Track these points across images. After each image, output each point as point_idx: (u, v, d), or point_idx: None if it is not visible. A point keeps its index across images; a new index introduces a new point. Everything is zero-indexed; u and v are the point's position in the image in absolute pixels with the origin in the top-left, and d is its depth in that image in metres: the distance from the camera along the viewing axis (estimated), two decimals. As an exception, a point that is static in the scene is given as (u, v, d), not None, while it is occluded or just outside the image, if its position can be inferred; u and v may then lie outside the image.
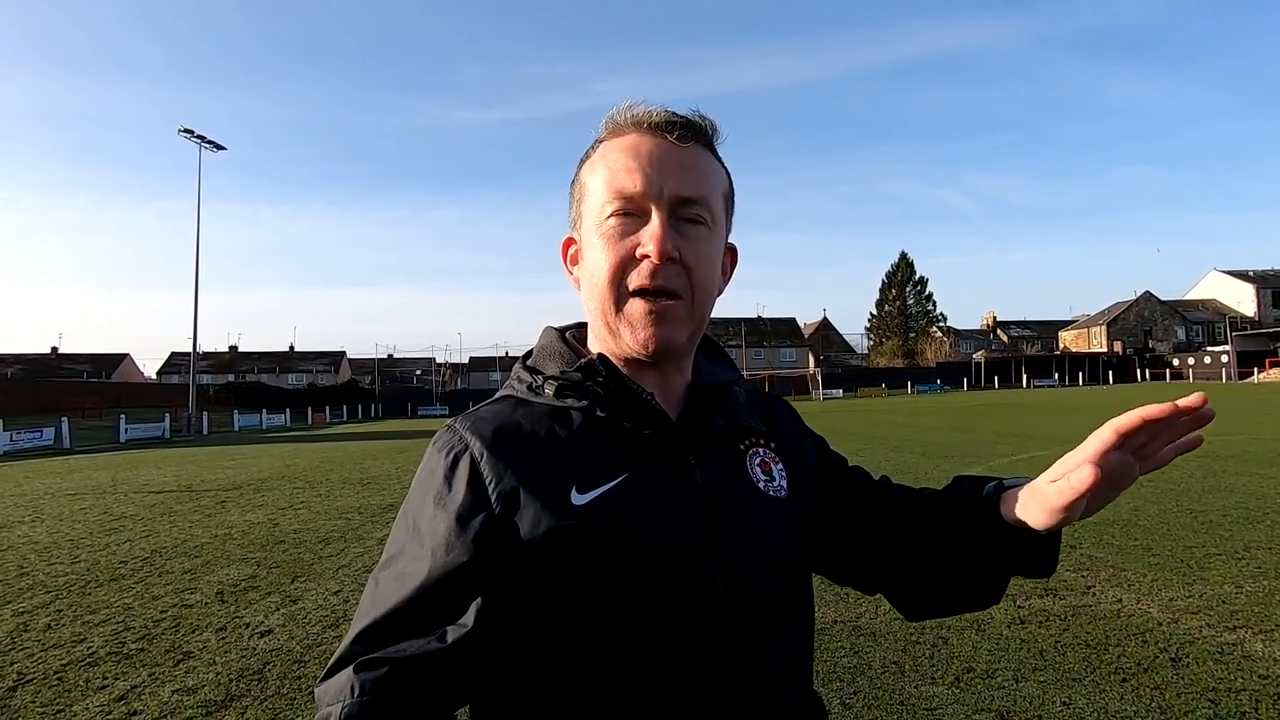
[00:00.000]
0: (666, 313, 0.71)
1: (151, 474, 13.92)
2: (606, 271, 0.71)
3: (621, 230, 0.71)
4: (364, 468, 13.55)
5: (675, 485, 0.71)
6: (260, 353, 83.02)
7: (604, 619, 0.66)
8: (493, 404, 0.77)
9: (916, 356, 72.81)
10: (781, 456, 0.81)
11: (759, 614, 0.71)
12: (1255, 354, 53.40)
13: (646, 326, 0.71)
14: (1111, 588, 4.23)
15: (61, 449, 23.94)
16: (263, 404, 49.89)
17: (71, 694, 3.32)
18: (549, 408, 0.74)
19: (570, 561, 0.66)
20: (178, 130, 37.10)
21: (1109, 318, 72.08)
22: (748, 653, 0.69)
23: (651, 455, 0.71)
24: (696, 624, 0.67)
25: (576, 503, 0.67)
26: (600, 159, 0.74)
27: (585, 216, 0.74)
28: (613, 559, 0.66)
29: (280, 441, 25.48)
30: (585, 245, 0.74)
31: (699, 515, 0.70)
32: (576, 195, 0.77)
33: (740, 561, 0.71)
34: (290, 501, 9.26)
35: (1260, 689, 2.88)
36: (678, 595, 0.67)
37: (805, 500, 0.81)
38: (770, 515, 0.75)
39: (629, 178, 0.70)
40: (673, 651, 0.66)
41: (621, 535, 0.67)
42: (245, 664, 3.59)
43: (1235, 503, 6.59)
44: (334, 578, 5.22)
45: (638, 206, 0.71)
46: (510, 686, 0.69)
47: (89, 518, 8.50)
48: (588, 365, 0.73)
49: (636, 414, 0.72)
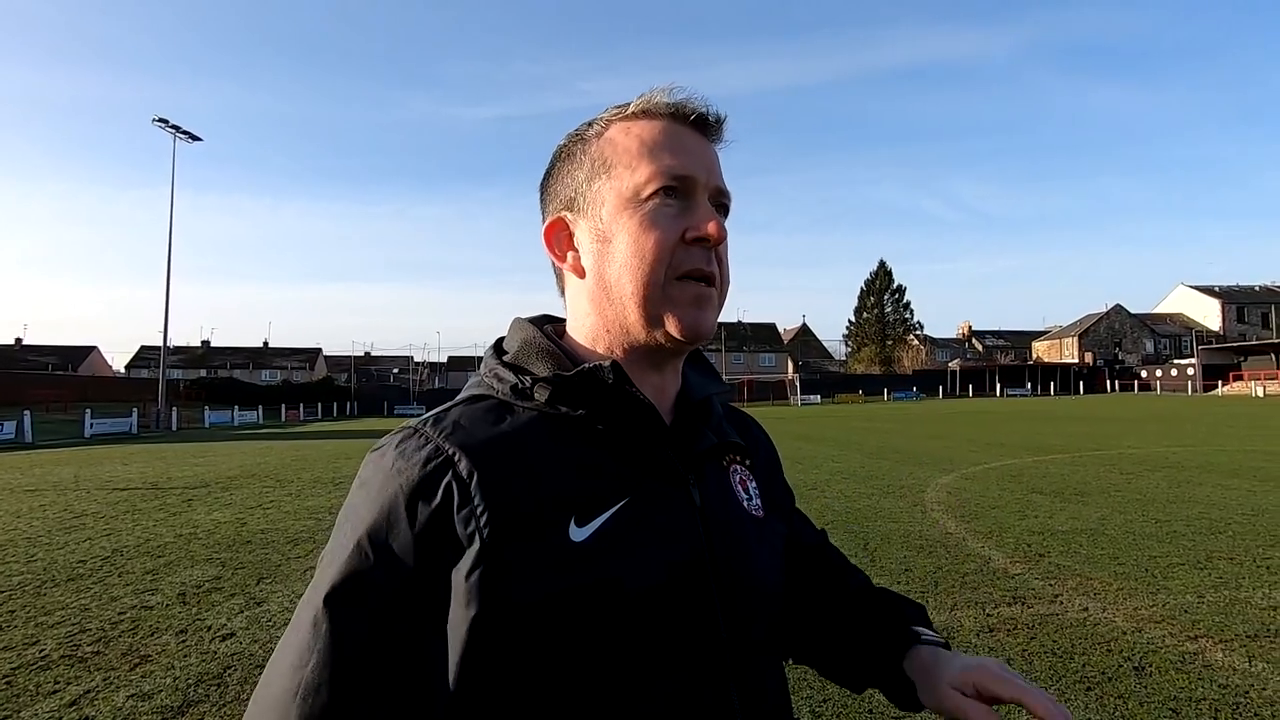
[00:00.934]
0: (711, 299, 0.68)
1: (116, 470, 13.58)
2: (657, 250, 0.65)
3: (670, 210, 0.67)
4: (336, 467, 13.34)
5: (676, 507, 0.66)
6: (234, 348, 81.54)
7: (600, 657, 0.60)
8: (468, 405, 0.67)
9: (893, 364, 73.72)
10: (755, 475, 0.78)
11: (755, 640, 0.68)
12: (1219, 367, 54.95)
13: (697, 310, 0.67)
14: (1078, 596, 4.29)
15: (23, 443, 23.26)
16: (235, 400, 49.06)
17: (21, 699, 3.20)
18: (538, 415, 0.66)
19: (566, 607, 0.58)
20: (152, 120, 36.35)
21: (1080, 329, 73.64)
22: (745, 681, 0.66)
23: (652, 474, 0.66)
24: (698, 655, 0.63)
25: (575, 538, 0.60)
26: (636, 137, 0.69)
27: (610, 195, 0.68)
28: (612, 598, 0.59)
29: (252, 439, 25.03)
30: (614, 225, 0.68)
31: (698, 538, 0.65)
32: (586, 172, 0.70)
33: (736, 586, 0.67)
34: (259, 500, 9.08)
35: (1220, 698, 2.93)
36: (680, 626, 0.62)
37: (779, 520, 0.79)
38: (758, 535, 0.72)
39: (677, 159, 0.67)
40: (674, 687, 0.62)
41: (625, 571, 0.60)
42: (205, 668, 3.49)
43: (1199, 513, 6.73)
44: (301, 579, 5.11)
45: (686, 189, 0.67)
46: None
47: (48, 515, 8.26)
48: (595, 369, 0.65)
49: (638, 427, 0.66)
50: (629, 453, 0.66)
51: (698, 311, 0.67)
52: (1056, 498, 7.80)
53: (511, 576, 0.58)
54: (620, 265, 0.67)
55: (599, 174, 0.69)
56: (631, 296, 0.67)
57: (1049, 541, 5.71)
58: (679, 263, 0.66)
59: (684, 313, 0.67)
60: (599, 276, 0.69)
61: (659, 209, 0.67)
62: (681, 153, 0.68)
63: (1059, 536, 5.88)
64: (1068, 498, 7.78)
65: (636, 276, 0.66)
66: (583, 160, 0.71)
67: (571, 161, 0.72)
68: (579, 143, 0.72)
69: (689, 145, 0.69)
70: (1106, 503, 7.40)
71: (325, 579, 0.59)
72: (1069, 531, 6.06)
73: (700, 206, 0.68)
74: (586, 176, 0.70)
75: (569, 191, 0.72)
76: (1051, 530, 6.13)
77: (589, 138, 0.71)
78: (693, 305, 0.67)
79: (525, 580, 0.58)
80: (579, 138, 0.72)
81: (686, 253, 0.67)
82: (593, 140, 0.71)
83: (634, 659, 0.60)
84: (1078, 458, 11.75)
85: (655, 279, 0.66)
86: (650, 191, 0.67)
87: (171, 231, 37.15)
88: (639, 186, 0.67)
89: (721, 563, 0.66)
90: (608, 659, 0.60)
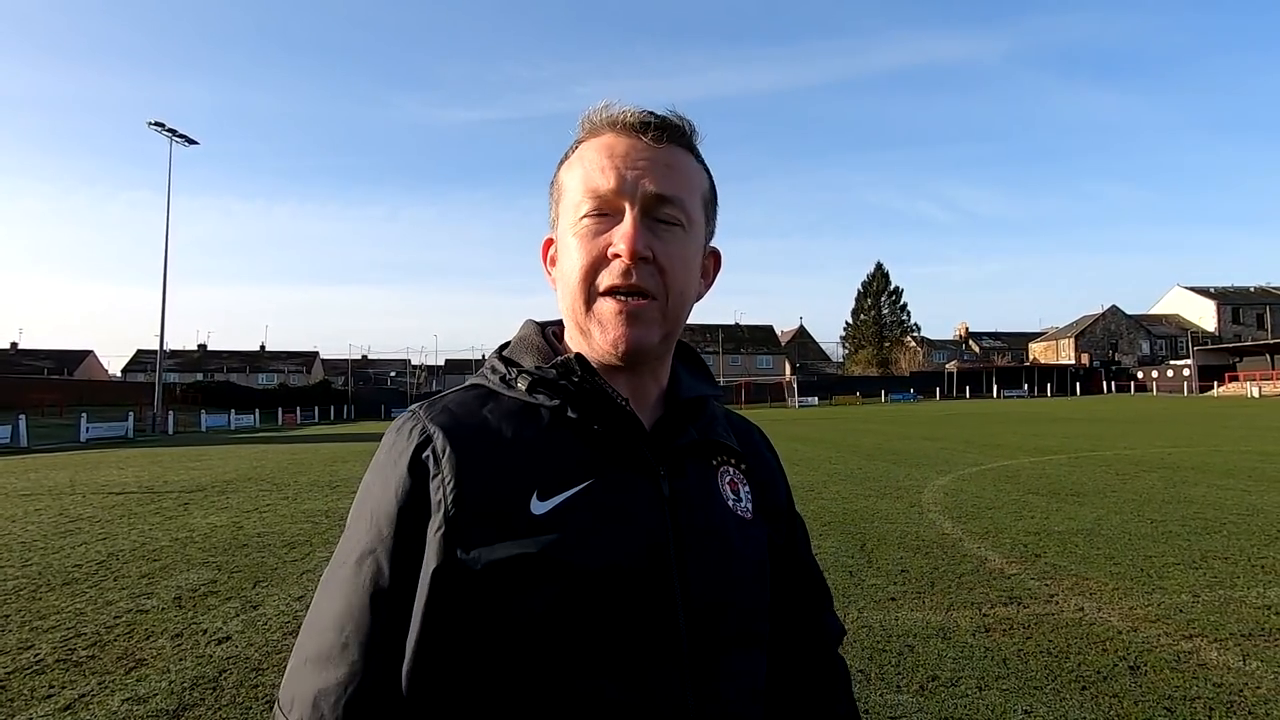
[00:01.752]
0: (638, 313, 0.69)
1: (112, 474, 13.53)
2: (579, 270, 0.70)
3: (595, 230, 0.69)
4: (333, 470, 13.31)
5: (641, 495, 0.68)
6: (230, 352, 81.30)
7: (548, 635, 0.62)
8: (460, 392, 0.74)
9: (891, 365, 73.82)
10: (750, 480, 0.79)
11: (722, 635, 0.69)
12: (1215, 368, 55.12)
13: (617, 326, 0.69)
14: (1074, 596, 4.30)
15: (18, 448, 23.17)
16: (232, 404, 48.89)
17: (15, 703, 3.19)
18: (519, 403, 0.71)
19: (519, 573, 0.62)
20: (147, 123, 36.31)
21: (1077, 330, 73.85)
22: (705, 676, 0.66)
23: (619, 462, 0.69)
24: (649, 642, 0.65)
25: (535, 511, 0.64)
26: (577, 159, 0.73)
27: (562, 217, 0.74)
28: (564, 572, 0.63)
29: (248, 442, 24.96)
30: (560, 245, 0.74)
31: (663, 528, 0.68)
32: (554, 196, 0.76)
33: (703, 579, 0.68)
34: (256, 504, 9.06)
35: (1214, 696, 2.94)
36: (632, 611, 0.64)
37: (769, 528, 0.80)
38: (740, 534, 0.74)
39: (602, 176, 0.69)
40: (623, 671, 0.63)
41: (576, 547, 0.64)
42: (200, 671, 3.48)
43: (1194, 513, 6.75)
44: (297, 582, 5.10)
45: (611, 206, 0.69)
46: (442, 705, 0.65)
47: (43, 519, 8.23)
48: (564, 363, 0.70)
49: (608, 418, 0.69)
50: (598, 442, 0.70)
51: (622, 327, 0.69)
52: (1053, 498, 7.82)
53: (470, 540, 0.64)
54: (563, 284, 0.73)
55: (560, 198, 0.75)
56: (569, 313, 0.73)
57: (1045, 542, 5.72)
58: (601, 280, 0.70)
59: (606, 329, 0.70)
60: (559, 292, 0.75)
61: (586, 230, 0.71)
62: (607, 170, 0.70)
63: (1055, 537, 5.89)
64: (1064, 498, 7.80)
65: (568, 295, 0.72)
66: (554, 184, 0.77)
67: (552, 185, 0.78)
68: (557, 166, 0.78)
69: (622, 158, 0.70)
70: (1102, 503, 7.42)
71: (341, 549, 0.70)
72: (1065, 532, 6.08)
73: (623, 222, 0.69)
74: (554, 200, 0.76)
75: (550, 213, 0.78)
76: (1048, 531, 6.15)
77: (561, 162, 0.77)
78: (614, 321, 0.69)
79: (480, 544, 0.64)
80: (560, 161, 0.77)
81: (609, 269, 0.69)
82: (561, 165, 0.77)
83: (582, 637, 0.63)
84: (1074, 459, 11.78)
85: (579, 297, 0.71)
86: (581, 214, 0.71)
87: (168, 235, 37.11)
88: (574, 208, 0.72)
89: (689, 555, 0.68)
90: (555, 634, 0.63)
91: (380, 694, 0.63)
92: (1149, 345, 73.18)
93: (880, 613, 4.10)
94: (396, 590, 0.64)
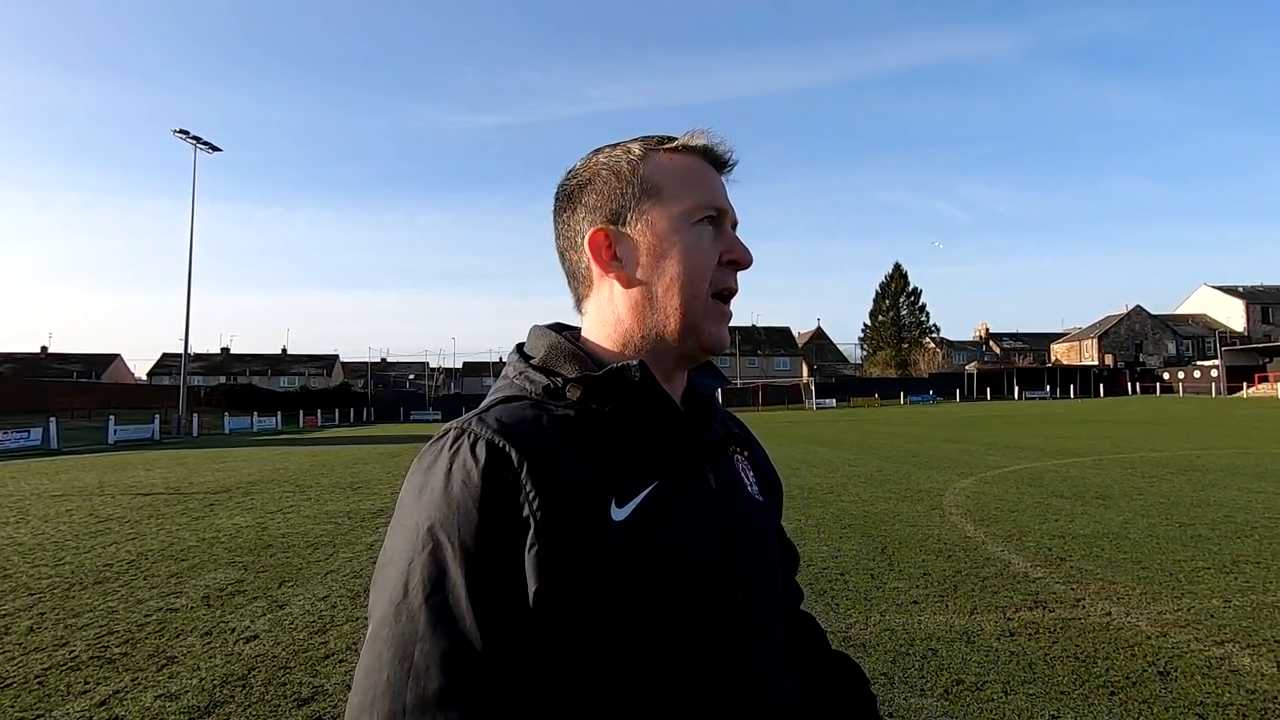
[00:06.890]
0: (730, 317, 0.78)
1: (139, 476, 13.81)
2: (703, 270, 0.75)
3: (710, 235, 0.76)
4: (354, 472, 13.48)
5: (697, 492, 0.73)
6: (252, 355, 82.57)
7: (642, 629, 0.65)
8: (505, 405, 0.72)
9: (910, 367, 73.12)
10: (752, 464, 0.87)
11: (766, 611, 0.75)
12: (1244, 369, 53.85)
13: (721, 326, 0.76)
14: (1101, 601, 4.24)
15: (49, 450, 23.70)
16: (254, 406, 49.58)
17: (52, 699, 3.27)
18: (572, 412, 0.71)
19: (614, 577, 0.65)
20: (172, 131, 36.96)
21: (1100, 330, 72.62)
22: (760, 647, 0.72)
23: (674, 462, 0.73)
24: (722, 621, 0.70)
25: (616, 517, 0.66)
26: (681, 169, 0.77)
27: (659, 217, 0.75)
28: (652, 568, 0.66)
29: (271, 444, 25.32)
30: (666, 244, 0.75)
31: (716, 520, 0.73)
32: (635, 191, 0.76)
33: (750, 563, 0.74)
34: (279, 505, 9.19)
35: (1247, 703, 2.88)
36: (710, 600, 0.69)
37: (771, 504, 0.87)
38: (764, 518, 0.81)
39: (714, 194, 0.77)
40: (708, 657, 0.68)
41: (660, 546, 0.67)
42: (230, 669, 3.55)
43: (1224, 516, 6.62)
44: (322, 583, 5.18)
45: (720, 219, 0.77)
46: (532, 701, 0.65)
47: (75, 520, 8.41)
48: (623, 368, 0.71)
49: (662, 421, 0.74)
50: (653, 444, 0.73)
51: (721, 327, 0.77)
52: (1077, 501, 7.70)
53: (562, 552, 0.64)
54: (670, 279, 0.75)
55: (649, 196, 0.76)
56: (677, 309, 0.75)
57: (1070, 545, 5.64)
58: (716, 282, 0.76)
59: (714, 328, 0.76)
60: (646, 287, 0.76)
61: (704, 234, 0.76)
62: (715, 187, 0.78)
63: (1080, 540, 5.81)
64: (1089, 501, 7.68)
65: (684, 291, 0.75)
66: (631, 180, 0.77)
67: (618, 179, 0.77)
68: (625, 163, 0.77)
69: (715, 181, 0.79)
70: (1129, 506, 7.30)
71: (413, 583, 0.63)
72: (1091, 535, 5.99)
73: (732, 235, 0.78)
74: (635, 196, 0.76)
75: (614, 206, 0.77)
76: (1073, 534, 6.06)
77: (634, 161, 0.77)
78: (720, 321, 0.77)
79: (573, 555, 0.64)
80: (623, 159, 0.78)
81: (723, 274, 0.77)
82: (639, 164, 0.77)
83: (672, 631, 0.67)
84: (1099, 461, 11.60)
85: (699, 295, 0.75)
86: (697, 219, 0.76)
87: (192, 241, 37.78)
88: (688, 212, 0.75)
89: (738, 543, 0.74)
90: (649, 632, 0.66)
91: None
92: (1175, 345, 71.78)
93: (903, 616, 4.08)
94: (497, 615, 0.62)
